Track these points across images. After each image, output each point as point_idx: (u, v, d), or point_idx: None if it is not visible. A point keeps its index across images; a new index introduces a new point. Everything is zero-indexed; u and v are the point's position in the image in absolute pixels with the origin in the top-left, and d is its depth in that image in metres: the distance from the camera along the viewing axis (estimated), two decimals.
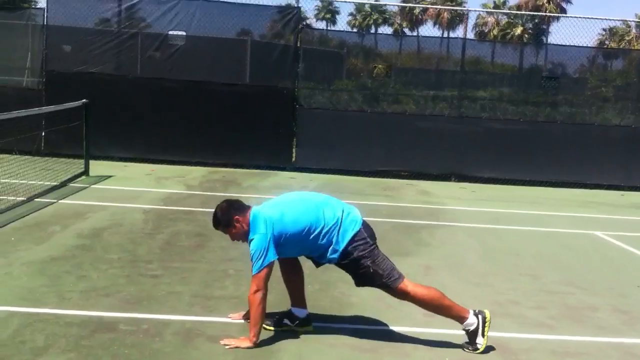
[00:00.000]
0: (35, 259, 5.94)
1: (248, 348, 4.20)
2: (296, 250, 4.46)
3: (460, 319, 4.44)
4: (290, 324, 4.59)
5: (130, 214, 8.23)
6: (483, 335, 4.39)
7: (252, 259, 4.27)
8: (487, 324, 4.40)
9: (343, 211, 4.45)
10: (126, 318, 4.61)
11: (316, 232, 4.33)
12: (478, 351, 4.38)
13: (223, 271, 5.95)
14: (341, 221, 4.38)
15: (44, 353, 3.98)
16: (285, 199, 4.56)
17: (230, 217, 4.41)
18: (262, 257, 4.22)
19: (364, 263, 4.34)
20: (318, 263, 4.55)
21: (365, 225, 4.46)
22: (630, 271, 7.19)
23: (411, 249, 7.44)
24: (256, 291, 4.22)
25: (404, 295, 4.41)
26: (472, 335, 4.42)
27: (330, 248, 4.36)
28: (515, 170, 13.69)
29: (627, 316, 5.49)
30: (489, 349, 4.40)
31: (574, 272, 6.94)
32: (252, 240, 4.31)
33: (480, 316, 4.42)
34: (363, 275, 4.39)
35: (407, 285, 4.40)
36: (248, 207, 4.47)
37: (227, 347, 4.20)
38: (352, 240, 4.33)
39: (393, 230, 8.39)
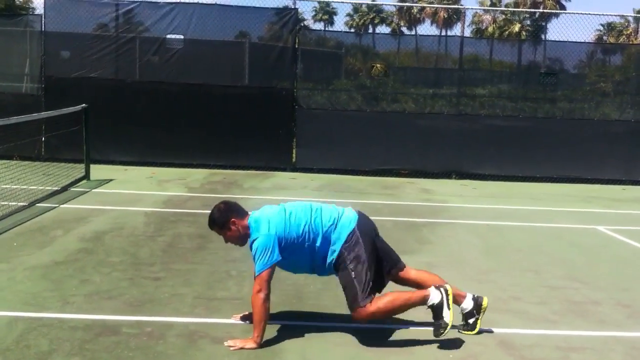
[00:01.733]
0: (38, 264, 5.95)
1: (252, 349, 4.21)
2: (297, 259, 4.44)
3: (425, 299, 4.40)
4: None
5: (131, 217, 8.23)
6: (449, 308, 4.34)
7: (254, 259, 4.28)
8: (449, 296, 4.36)
9: (339, 212, 4.49)
10: (129, 321, 4.62)
11: (315, 235, 4.36)
12: (443, 329, 4.32)
13: (225, 272, 5.95)
14: (338, 220, 4.42)
15: (49, 357, 3.98)
16: (284, 205, 4.57)
17: (227, 219, 4.43)
18: (266, 257, 4.24)
19: (348, 266, 4.35)
20: (321, 274, 4.61)
21: (361, 222, 4.48)
22: (633, 265, 7.19)
23: (413, 246, 7.44)
24: (258, 291, 4.22)
25: (370, 316, 4.36)
26: (436, 310, 4.36)
27: (329, 249, 4.39)
28: (515, 166, 13.70)
29: (630, 310, 5.49)
30: (492, 344, 4.40)
31: (576, 267, 6.94)
32: (255, 239, 4.31)
33: (442, 289, 4.38)
34: (344, 281, 4.38)
35: (368, 308, 4.34)
36: (246, 212, 4.48)
37: (231, 348, 4.21)
38: (347, 239, 4.37)
39: (395, 228, 8.39)
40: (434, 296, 4.37)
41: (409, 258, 6.80)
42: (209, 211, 4.56)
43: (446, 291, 4.37)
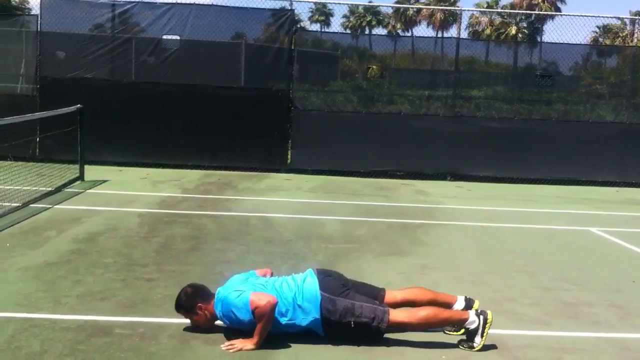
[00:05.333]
0: (31, 264, 5.94)
1: (249, 350, 4.21)
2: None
3: (462, 322, 4.46)
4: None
5: (125, 218, 8.22)
6: (482, 336, 4.40)
7: (238, 310, 4.30)
8: (487, 325, 4.41)
9: (297, 283, 4.48)
10: (122, 322, 4.61)
11: (283, 311, 4.38)
12: (474, 349, 4.39)
13: (219, 273, 5.94)
14: (301, 294, 4.40)
15: (40, 358, 3.97)
16: (244, 281, 4.59)
17: (193, 304, 4.46)
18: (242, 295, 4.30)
19: (347, 322, 4.36)
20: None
21: (323, 283, 4.46)
22: (625, 266, 7.21)
23: (407, 248, 7.44)
24: (268, 301, 4.23)
25: (401, 326, 4.42)
26: (471, 334, 4.42)
27: (307, 317, 4.39)
28: (510, 168, 13.72)
29: (622, 311, 5.50)
30: (485, 347, 4.40)
31: (569, 268, 6.95)
32: (223, 304, 4.36)
33: (482, 316, 4.43)
34: (359, 332, 4.38)
35: (397, 315, 4.42)
36: (212, 295, 4.50)
37: (230, 351, 4.18)
38: (320, 307, 4.37)
39: (389, 229, 8.41)
40: (472, 321, 4.44)
41: (403, 260, 6.83)
42: (203, 212, 4.56)
43: (485, 320, 4.43)
